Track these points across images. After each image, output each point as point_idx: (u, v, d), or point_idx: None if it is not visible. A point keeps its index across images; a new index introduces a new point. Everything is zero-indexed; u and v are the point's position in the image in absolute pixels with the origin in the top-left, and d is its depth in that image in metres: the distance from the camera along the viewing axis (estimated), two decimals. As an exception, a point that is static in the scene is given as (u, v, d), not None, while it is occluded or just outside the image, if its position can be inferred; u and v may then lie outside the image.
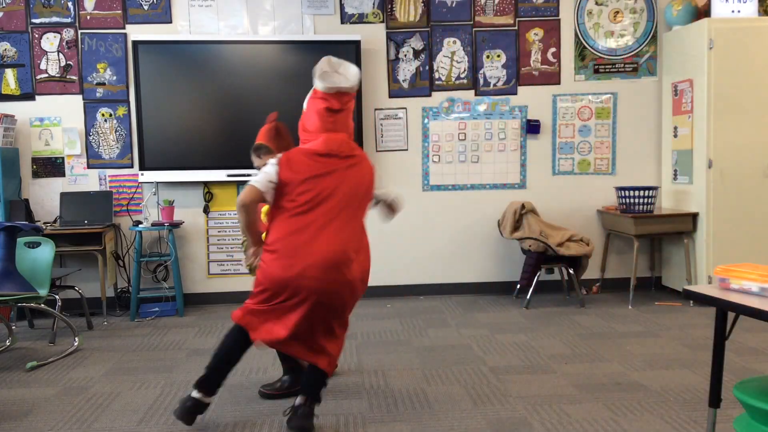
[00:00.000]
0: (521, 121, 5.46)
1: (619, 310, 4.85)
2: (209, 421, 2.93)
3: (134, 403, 3.19)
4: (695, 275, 5.00)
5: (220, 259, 5.38)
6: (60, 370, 3.74)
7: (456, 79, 5.41)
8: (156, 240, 5.29)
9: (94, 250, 4.85)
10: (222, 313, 5.06)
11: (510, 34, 5.42)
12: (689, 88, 5.02)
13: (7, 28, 5.16)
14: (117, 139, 5.27)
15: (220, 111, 5.16)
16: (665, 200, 5.43)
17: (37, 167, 5.24)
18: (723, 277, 2.30)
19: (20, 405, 3.19)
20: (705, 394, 3.06)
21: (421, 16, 5.36)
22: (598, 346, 3.95)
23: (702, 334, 4.18)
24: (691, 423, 2.79)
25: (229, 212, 5.36)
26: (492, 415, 2.92)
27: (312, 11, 5.30)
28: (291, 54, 5.16)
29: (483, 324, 4.53)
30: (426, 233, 5.45)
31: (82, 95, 5.23)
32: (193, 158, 5.16)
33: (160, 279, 5.30)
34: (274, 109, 5.14)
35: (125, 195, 5.29)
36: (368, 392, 3.25)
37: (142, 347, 4.19)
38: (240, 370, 3.63)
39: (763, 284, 2.16)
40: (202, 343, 4.23)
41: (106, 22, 5.20)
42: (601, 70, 5.47)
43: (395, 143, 5.43)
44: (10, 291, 3.79)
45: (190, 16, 5.25)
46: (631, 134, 5.50)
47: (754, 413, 2.09)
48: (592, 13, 5.43)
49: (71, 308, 5.02)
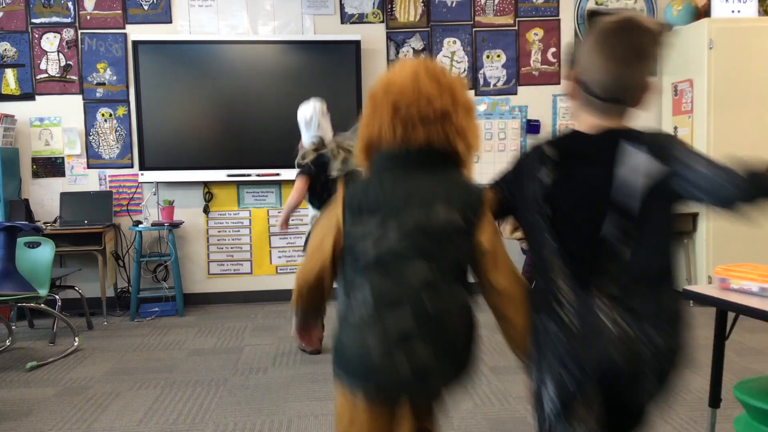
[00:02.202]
0: (521, 121, 5.46)
1: (619, 310, 4.85)
2: (209, 421, 2.93)
3: (134, 403, 3.18)
4: (695, 275, 4.99)
5: (220, 259, 5.38)
6: (60, 370, 3.74)
7: (456, 79, 5.41)
8: (156, 240, 5.29)
9: (94, 250, 4.85)
10: (222, 313, 5.07)
11: (510, 34, 5.42)
12: (689, 88, 5.02)
13: (7, 28, 5.16)
14: (117, 139, 5.27)
15: (220, 111, 5.16)
16: (665, 200, 5.42)
17: (37, 167, 5.24)
18: (723, 277, 2.30)
19: (20, 405, 3.19)
20: (705, 394, 3.05)
21: (421, 16, 5.36)
22: (598, 346, 3.94)
23: (702, 334, 4.16)
24: (691, 423, 2.79)
25: (229, 212, 5.36)
26: (492, 415, 2.92)
27: (312, 11, 5.30)
28: (291, 54, 5.16)
29: (483, 324, 4.52)
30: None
31: (82, 95, 5.23)
32: (193, 158, 5.16)
33: (160, 279, 5.30)
34: (274, 108, 5.17)
35: (125, 195, 5.29)
36: (368, 392, 3.25)
37: (142, 347, 4.19)
38: (240, 370, 3.64)
39: (763, 284, 2.16)
40: (202, 343, 4.23)
41: (106, 22, 5.20)
42: (601, 70, 5.46)
43: (395, 143, 5.42)
44: (10, 291, 3.79)
45: (190, 16, 5.25)
46: (631, 134, 5.50)
47: (754, 413, 2.09)
48: (592, 13, 5.43)
49: (71, 308, 5.01)
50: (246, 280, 5.40)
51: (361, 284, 1.46)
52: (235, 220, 5.37)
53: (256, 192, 5.37)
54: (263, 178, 5.21)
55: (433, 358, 1.41)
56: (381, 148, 1.52)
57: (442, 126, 1.49)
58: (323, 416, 2.95)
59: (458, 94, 1.53)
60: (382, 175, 1.53)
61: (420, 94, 1.47)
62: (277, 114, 5.16)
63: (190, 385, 3.41)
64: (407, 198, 1.48)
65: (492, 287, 1.51)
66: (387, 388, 1.43)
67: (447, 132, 1.49)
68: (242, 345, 4.17)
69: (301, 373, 3.57)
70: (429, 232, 1.46)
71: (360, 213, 1.49)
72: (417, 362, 1.39)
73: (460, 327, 1.49)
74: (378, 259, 1.45)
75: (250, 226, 5.38)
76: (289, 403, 3.13)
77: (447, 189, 1.50)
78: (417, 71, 1.51)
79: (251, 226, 5.38)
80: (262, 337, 4.34)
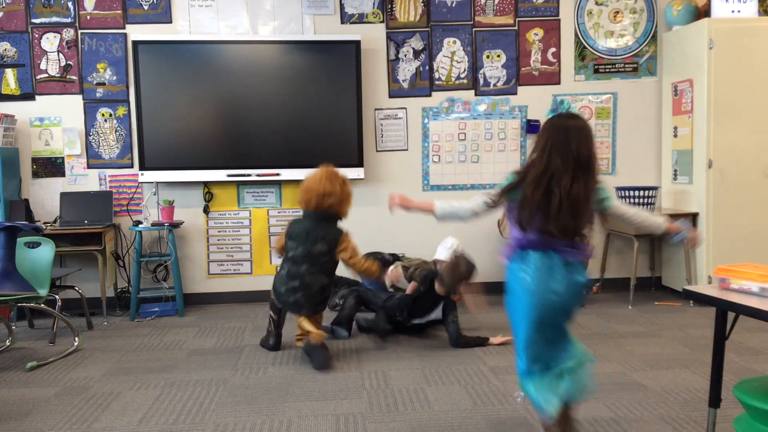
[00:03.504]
0: (521, 121, 5.46)
1: (619, 310, 4.85)
2: (209, 421, 2.93)
3: (134, 403, 3.19)
4: (695, 275, 5.00)
5: (220, 259, 5.38)
6: (60, 370, 3.74)
7: (456, 79, 5.41)
8: (156, 240, 5.29)
9: (94, 250, 4.85)
10: (222, 313, 5.07)
11: (510, 34, 5.42)
12: (689, 88, 5.02)
13: (7, 28, 5.16)
14: (117, 139, 5.27)
15: (220, 111, 5.16)
16: (665, 200, 5.43)
17: (37, 167, 5.24)
18: (723, 277, 2.30)
19: (20, 405, 3.19)
20: (705, 394, 3.06)
21: (421, 16, 5.36)
22: (598, 346, 3.95)
23: (702, 334, 4.18)
24: (691, 423, 2.79)
25: (229, 212, 5.36)
26: (492, 415, 2.92)
27: (312, 11, 5.30)
28: (291, 54, 5.16)
29: (483, 324, 4.53)
30: (426, 233, 5.45)
31: (82, 95, 5.23)
32: (193, 158, 5.16)
33: (160, 279, 5.30)
34: (274, 108, 5.18)
35: (125, 195, 5.29)
36: (368, 392, 3.26)
37: (142, 347, 4.19)
38: (240, 370, 3.64)
39: (763, 284, 2.16)
40: (202, 343, 4.23)
41: (106, 22, 5.20)
42: (601, 70, 5.47)
43: (395, 143, 5.43)
44: (10, 291, 3.80)
45: (190, 16, 5.25)
46: (631, 134, 5.51)
47: (754, 413, 2.09)
48: (592, 13, 5.43)
49: (71, 308, 5.02)
50: (246, 280, 5.40)
51: (285, 266, 3.82)
52: (235, 220, 5.37)
53: (256, 192, 5.37)
54: (263, 178, 5.21)
55: (303, 299, 3.73)
56: (304, 209, 3.82)
57: (330, 203, 3.74)
58: (323, 416, 2.95)
59: (340, 189, 3.76)
60: (301, 221, 3.86)
61: (320, 188, 3.71)
62: (277, 114, 5.16)
63: (190, 385, 3.42)
64: (307, 235, 3.75)
65: (347, 264, 3.80)
66: (286, 306, 3.83)
67: (331, 205, 3.75)
68: (242, 345, 4.17)
69: (301, 373, 3.57)
70: (313, 254, 3.73)
71: (290, 237, 3.82)
72: (297, 299, 3.74)
73: (317, 290, 3.75)
74: (292, 258, 3.78)
75: (250, 226, 5.38)
76: (289, 403, 3.13)
77: (325, 233, 3.76)
78: (321, 176, 3.74)
79: (251, 226, 5.38)
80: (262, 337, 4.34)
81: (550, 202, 2.16)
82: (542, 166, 2.21)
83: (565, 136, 2.21)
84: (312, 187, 3.72)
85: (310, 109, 5.16)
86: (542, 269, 2.20)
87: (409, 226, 5.40)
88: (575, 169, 2.17)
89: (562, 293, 2.18)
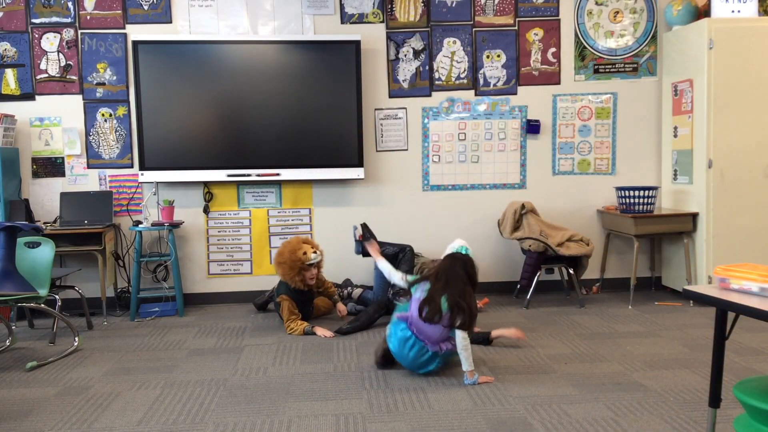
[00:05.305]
0: (521, 121, 5.46)
1: (619, 310, 4.85)
2: (209, 421, 2.93)
3: (134, 403, 3.19)
4: (695, 275, 5.00)
5: (220, 259, 5.38)
6: (60, 370, 3.74)
7: (456, 79, 5.41)
8: (156, 240, 5.29)
9: (94, 250, 4.85)
10: (222, 313, 5.07)
11: (510, 34, 5.42)
12: (689, 88, 5.02)
13: (7, 28, 5.16)
14: (117, 139, 5.27)
15: (220, 111, 5.16)
16: (665, 200, 5.43)
17: (37, 167, 5.24)
18: (723, 277, 2.30)
19: (20, 405, 3.19)
20: (705, 394, 3.06)
21: (421, 16, 5.36)
22: (598, 346, 3.95)
23: (702, 334, 4.18)
24: (691, 423, 2.79)
25: (229, 212, 5.36)
26: (492, 415, 2.92)
27: (312, 11, 5.30)
28: (291, 54, 5.16)
29: (483, 324, 4.52)
30: (426, 233, 5.45)
31: (82, 95, 5.23)
32: (193, 158, 5.16)
33: (160, 279, 5.30)
34: (274, 108, 5.18)
35: (125, 195, 5.29)
36: (368, 392, 3.26)
37: (142, 347, 4.19)
38: (240, 370, 3.64)
39: (763, 284, 2.16)
40: (202, 343, 4.23)
41: (106, 22, 5.20)
42: (601, 70, 5.47)
43: (395, 143, 5.43)
44: (10, 291, 3.79)
45: (190, 16, 5.25)
46: (631, 134, 5.50)
47: (754, 413, 2.09)
48: (592, 13, 5.43)
49: (71, 308, 5.02)
50: (246, 280, 5.40)
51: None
52: (235, 220, 5.37)
53: (256, 192, 5.37)
54: (263, 178, 5.21)
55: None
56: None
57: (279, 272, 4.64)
58: (323, 416, 2.95)
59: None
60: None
61: (291, 254, 4.49)
62: (277, 114, 5.16)
63: (190, 385, 3.42)
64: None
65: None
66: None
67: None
68: (242, 345, 4.17)
69: (301, 373, 3.57)
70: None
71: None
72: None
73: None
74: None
75: (250, 226, 5.38)
76: (289, 403, 3.13)
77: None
78: (293, 245, 4.53)
79: (251, 226, 5.38)
80: (262, 337, 4.35)
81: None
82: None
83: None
84: (285, 252, 4.57)
85: (310, 109, 5.16)
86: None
87: (408, 226, 5.40)
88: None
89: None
